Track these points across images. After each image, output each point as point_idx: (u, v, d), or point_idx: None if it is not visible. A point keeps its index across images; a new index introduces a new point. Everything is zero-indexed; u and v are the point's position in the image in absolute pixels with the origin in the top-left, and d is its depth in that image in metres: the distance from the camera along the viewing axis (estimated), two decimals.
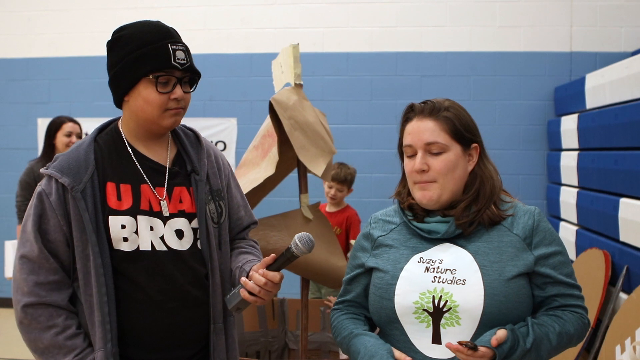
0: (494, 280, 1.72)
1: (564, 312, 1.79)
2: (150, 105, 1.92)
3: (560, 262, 1.80)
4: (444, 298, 1.73)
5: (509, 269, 1.74)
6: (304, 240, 1.82)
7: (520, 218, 1.81)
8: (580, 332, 1.80)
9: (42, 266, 1.90)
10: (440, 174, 1.79)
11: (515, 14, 6.58)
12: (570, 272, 1.81)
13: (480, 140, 1.88)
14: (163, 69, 1.90)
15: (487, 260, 1.75)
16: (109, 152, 1.99)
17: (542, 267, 1.78)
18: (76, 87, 7.12)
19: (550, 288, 1.79)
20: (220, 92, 6.90)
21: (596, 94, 5.15)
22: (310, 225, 3.26)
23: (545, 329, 1.74)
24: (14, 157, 7.17)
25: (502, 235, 1.79)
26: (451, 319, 1.72)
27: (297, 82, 3.26)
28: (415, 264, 1.80)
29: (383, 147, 6.61)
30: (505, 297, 1.71)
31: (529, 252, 1.77)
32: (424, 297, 1.75)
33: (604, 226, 4.60)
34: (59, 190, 1.90)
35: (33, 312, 1.89)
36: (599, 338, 4.09)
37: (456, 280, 1.73)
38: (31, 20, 7.15)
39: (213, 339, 2.04)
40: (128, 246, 1.93)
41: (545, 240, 1.80)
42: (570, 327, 1.77)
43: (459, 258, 1.77)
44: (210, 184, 2.07)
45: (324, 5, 6.82)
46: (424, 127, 1.81)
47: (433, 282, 1.75)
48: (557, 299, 1.79)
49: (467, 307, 1.70)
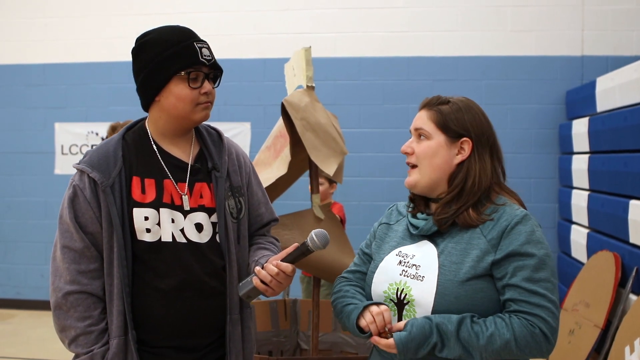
0: (448, 281, 1.77)
1: (510, 316, 1.73)
2: (183, 101, 2.03)
3: (526, 266, 1.74)
4: (405, 291, 1.83)
5: (465, 271, 1.77)
6: (320, 235, 1.92)
7: (499, 221, 1.81)
8: (526, 340, 1.71)
9: (84, 255, 2.01)
10: (419, 158, 1.90)
11: (526, 19, 6.61)
12: (537, 278, 1.73)
13: (480, 138, 1.90)
14: (193, 66, 2.01)
15: (448, 260, 1.80)
16: (135, 149, 2.09)
17: (499, 268, 1.76)
18: (92, 92, 7.22)
19: (507, 292, 1.75)
20: (234, 96, 6.98)
21: (607, 97, 5.16)
22: (322, 225, 3.30)
23: (478, 327, 1.71)
24: (31, 161, 7.29)
25: (472, 237, 1.82)
26: (410, 311, 1.82)
27: (309, 85, 3.32)
28: (393, 257, 1.92)
29: (395, 151, 6.62)
30: (455, 298, 1.75)
31: (491, 255, 1.77)
32: (391, 287, 1.86)
33: (614, 228, 4.62)
34: (90, 184, 2.01)
35: (73, 301, 2.00)
36: (608, 339, 4.11)
37: (417, 276, 1.82)
38: (48, 26, 7.27)
39: (229, 329, 2.12)
40: (150, 237, 2.04)
41: (515, 242, 1.77)
42: (507, 331, 1.70)
43: (426, 255, 1.85)
44: (231, 180, 2.16)
45: (336, 10, 6.89)
46: (419, 115, 1.95)
47: (400, 275, 1.86)
48: (511, 304, 1.74)
49: (420, 303, 1.79)
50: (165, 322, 2.04)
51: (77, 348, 2.01)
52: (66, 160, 7.19)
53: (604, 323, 4.18)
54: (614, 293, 4.23)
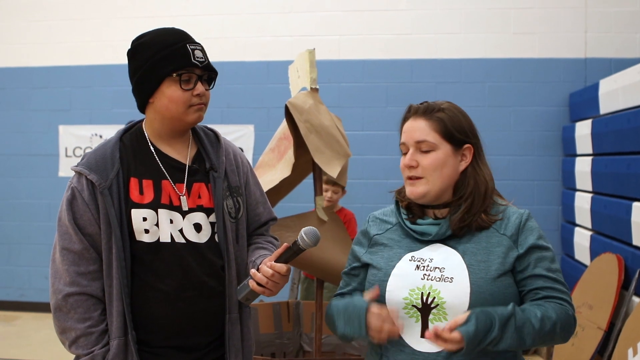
0: (480, 279, 1.78)
1: (546, 301, 1.80)
2: (175, 102, 2.05)
3: (544, 258, 1.84)
4: (432, 295, 1.80)
5: (495, 268, 1.80)
6: (310, 233, 1.93)
7: (509, 219, 1.88)
8: (564, 322, 1.78)
9: (83, 257, 2.03)
10: (428, 170, 1.87)
11: (529, 21, 6.61)
12: (555, 269, 1.84)
13: (476, 142, 1.94)
14: (184, 68, 2.03)
15: (474, 259, 1.82)
16: (133, 150, 2.11)
17: (521, 261, 1.83)
18: (96, 95, 7.24)
19: (531, 282, 1.82)
20: (237, 99, 6.98)
21: (610, 99, 5.16)
22: (325, 227, 3.31)
23: (528, 313, 1.75)
24: (35, 164, 7.31)
25: (490, 236, 1.85)
26: (438, 314, 1.80)
27: (313, 87, 3.33)
28: (407, 262, 1.88)
29: (398, 154, 6.58)
30: (490, 295, 1.77)
31: (516, 250, 1.83)
32: (413, 293, 1.83)
33: (617, 230, 4.61)
34: (89, 186, 2.04)
35: (73, 302, 2.02)
36: (611, 341, 4.10)
37: (444, 278, 1.81)
38: (52, 29, 7.28)
39: (228, 328, 2.14)
40: (149, 238, 2.05)
41: (530, 237, 1.85)
42: (552, 313, 1.76)
43: (448, 257, 1.84)
44: (229, 180, 2.18)
45: (340, 13, 6.89)
46: (416, 126, 1.91)
47: (422, 280, 1.83)
48: (540, 292, 1.81)
49: (453, 304, 1.78)
50: (164, 322, 2.06)
51: (77, 349, 2.03)
52: (70, 162, 7.20)
53: (607, 325, 4.18)
54: (617, 295, 4.22)
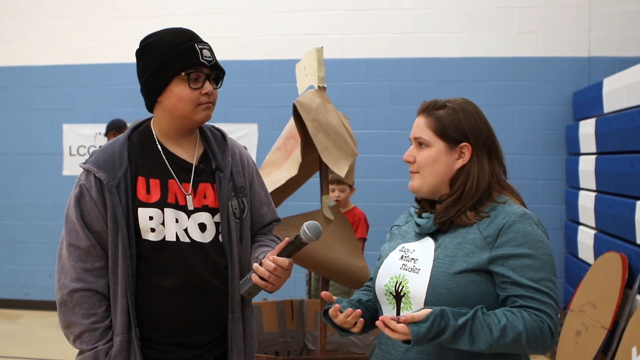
0: (440, 273, 1.80)
1: (520, 310, 1.74)
2: (184, 101, 2.07)
3: (526, 265, 1.76)
4: (402, 284, 1.86)
5: (458, 264, 1.79)
6: (312, 227, 1.96)
7: (495, 219, 1.84)
8: (535, 334, 1.72)
9: (89, 253, 2.05)
10: (420, 166, 1.93)
11: (533, 20, 6.61)
12: (538, 277, 1.76)
13: (475, 141, 1.91)
14: (193, 67, 2.05)
15: (443, 253, 1.83)
16: (141, 149, 2.13)
17: (500, 266, 1.77)
18: (100, 94, 7.26)
19: (510, 288, 1.77)
20: (241, 98, 6.99)
21: (613, 98, 5.16)
22: (331, 226, 3.31)
23: (490, 319, 1.71)
24: (39, 163, 7.33)
25: (468, 232, 1.85)
26: (406, 303, 1.85)
27: (321, 85, 3.34)
28: (397, 252, 1.95)
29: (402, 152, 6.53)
30: (447, 289, 1.77)
31: (487, 251, 1.80)
32: (391, 281, 1.90)
33: (621, 229, 4.61)
34: (97, 184, 2.05)
35: (79, 298, 2.04)
36: (615, 340, 4.11)
37: (414, 269, 1.85)
38: (55, 28, 7.30)
39: (231, 327, 2.16)
40: (155, 236, 2.08)
41: (513, 242, 1.78)
42: (520, 324, 1.71)
43: (425, 250, 1.88)
44: (234, 181, 2.19)
45: (343, 12, 6.90)
46: (417, 122, 1.98)
47: (400, 269, 1.89)
48: (517, 300, 1.76)
49: (415, 295, 1.82)
50: (168, 320, 2.09)
51: (81, 344, 2.05)
52: (74, 161, 7.22)
53: (610, 324, 4.18)
54: (620, 294, 4.22)
